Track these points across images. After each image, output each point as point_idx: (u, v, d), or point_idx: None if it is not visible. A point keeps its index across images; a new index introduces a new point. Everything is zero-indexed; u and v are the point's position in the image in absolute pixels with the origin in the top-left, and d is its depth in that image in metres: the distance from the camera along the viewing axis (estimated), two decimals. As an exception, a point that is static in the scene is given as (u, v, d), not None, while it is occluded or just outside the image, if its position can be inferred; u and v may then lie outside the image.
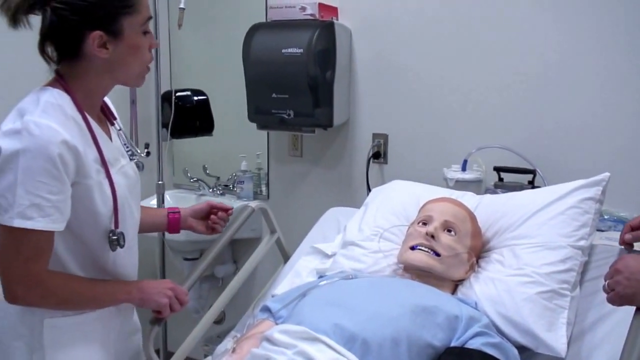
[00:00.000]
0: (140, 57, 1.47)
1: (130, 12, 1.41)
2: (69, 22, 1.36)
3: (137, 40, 1.44)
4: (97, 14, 1.37)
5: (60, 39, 1.40)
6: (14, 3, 1.34)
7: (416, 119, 2.41)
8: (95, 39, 1.38)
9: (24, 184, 1.31)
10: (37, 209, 1.32)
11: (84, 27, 1.37)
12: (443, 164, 2.22)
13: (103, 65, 1.42)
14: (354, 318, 1.41)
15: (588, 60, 2.06)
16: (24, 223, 1.31)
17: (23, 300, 1.40)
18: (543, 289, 1.57)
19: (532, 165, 2.10)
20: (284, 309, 1.59)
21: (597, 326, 1.56)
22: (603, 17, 2.02)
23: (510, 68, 2.20)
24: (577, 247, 1.65)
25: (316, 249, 2.03)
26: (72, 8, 1.35)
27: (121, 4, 1.40)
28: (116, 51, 1.41)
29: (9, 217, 1.31)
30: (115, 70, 1.45)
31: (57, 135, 1.33)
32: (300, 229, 2.25)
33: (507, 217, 1.79)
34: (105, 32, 1.38)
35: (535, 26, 2.14)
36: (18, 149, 1.30)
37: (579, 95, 2.09)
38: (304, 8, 2.42)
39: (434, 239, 1.67)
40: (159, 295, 1.56)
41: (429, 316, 1.44)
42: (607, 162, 1.99)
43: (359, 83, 2.53)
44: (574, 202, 1.72)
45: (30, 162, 1.31)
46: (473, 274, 1.71)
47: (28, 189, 1.31)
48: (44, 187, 1.32)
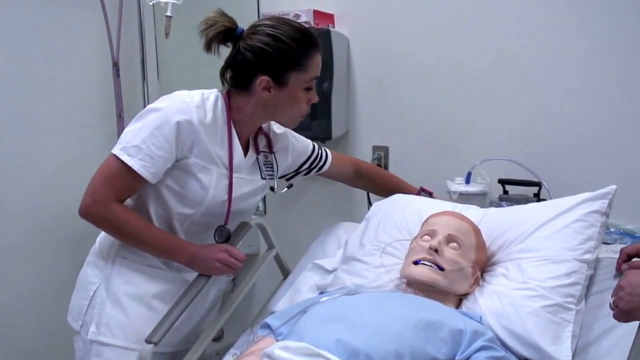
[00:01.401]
0: (296, 108, 1.85)
1: (299, 69, 1.78)
2: (248, 61, 1.76)
3: (297, 93, 1.82)
4: (271, 63, 1.76)
5: (238, 71, 1.81)
6: (211, 34, 1.76)
7: (418, 130, 2.45)
8: (262, 81, 1.77)
9: (142, 130, 1.74)
10: (138, 151, 1.73)
11: (257, 69, 1.77)
12: (446, 177, 2.28)
13: (262, 103, 1.81)
14: (357, 333, 1.46)
15: (595, 72, 2.12)
16: (122, 156, 1.73)
17: (88, 214, 1.78)
18: (548, 303, 1.63)
19: (538, 178, 2.15)
20: (284, 325, 1.64)
21: (602, 339, 1.62)
22: (610, 27, 2.09)
23: (515, 79, 2.26)
24: (583, 260, 1.72)
25: (317, 264, 2.10)
26: (254, 52, 1.76)
27: (294, 61, 1.77)
28: (277, 97, 1.80)
29: (118, 148, 1.74)
30: (270, 110, 1.85)
31: (188, 111, 1.76)
32: (299, 245, 2.30)
33: (512, 231, 1.86)
34: (273, 79, 1.77)
35: (539, 37, 2.20)
36: (157, 107, 1.76)
37: (585, 107, 2.15)
38: (298, 15, 2.44)
39: (437, 253, 1.73)
40: (210, 266, 1.86)
41: (432, 330, 1.49)
42: (614, 174, 2.04)
43: (357, 94, 2.58)
44: (579, 215, 1.79)
45: (155, 118, 1.74)
46: (477, 288, 1.77)
47: (142, 135, 1.73)
48: (154, 139, 1.73)
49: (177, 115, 1.74)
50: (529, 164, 2.18)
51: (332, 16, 2.56)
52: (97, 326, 1.85)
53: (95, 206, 1.77)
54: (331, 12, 2.56)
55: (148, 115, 1.76)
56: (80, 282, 1.95)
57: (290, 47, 1.76)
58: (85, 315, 1.87)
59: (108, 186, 1.77)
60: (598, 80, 2.13)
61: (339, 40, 2.52)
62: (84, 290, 1.91)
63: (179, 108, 1.76)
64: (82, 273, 1.96)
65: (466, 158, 2.27)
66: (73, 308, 1.94)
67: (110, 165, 1.77)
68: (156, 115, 1.75)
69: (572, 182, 2.08)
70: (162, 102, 1.78)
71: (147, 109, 1.79)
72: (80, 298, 1.90)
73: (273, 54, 1.75)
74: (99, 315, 1.85)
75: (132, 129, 1.77)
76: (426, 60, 2.43)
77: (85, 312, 1.87)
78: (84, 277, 1.94)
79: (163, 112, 1.75)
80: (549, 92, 2.22)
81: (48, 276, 2.85)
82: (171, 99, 1.79)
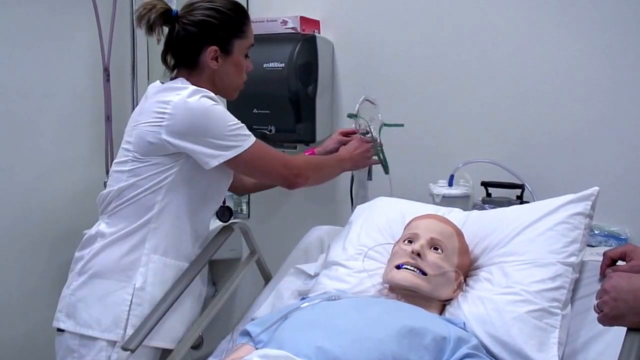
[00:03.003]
0: (239, 75, 1.91)
1: (241, 36, 1.86)
2: (193, 35, 1.80)
3: (240, 60, 1.89)
4: (217, 33, 1.82)
5: (182, 49, 1.84)
6: (154, 17, 1.79)
7: (400, 133, 2.35)
8: (211, 52, 1.82)
9: (221, 120, 1.75)
10: (243, 129, 1.79)
11: (204, 41, 1.81)
12: (429, 180, 2.23)
13: (211, 77, 1.85)
14: (338, 341, 1.40)
15: (578, 74, 2.09)
16: (246, 141, 1.77)
17: (302, 178, 1.90)
18: (533, 308, 1.56)
19: (521, 180, 2.11)
20: (264, 332, 1.57)
21: (590, 346, 1.56)
22: (591, 30, 2.05)
23: (497, 82, 2.22)
24: (567, 263, 1.65)
25: (299, 269, 2.04)
26: (198, 25, 1.80)
27: (236, 28, 1.85)
28: (224, 66, 1.85)
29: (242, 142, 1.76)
30: (218, 83, 1.87)
31: None
32: (282, 249, 2.24)
33: (495, 234, 1.79)
34: (220, 48, 1.82)
35: (523, 41, 2.16)
36: (210, 105, 1.75)
37: (567, 109, 2.11)
38: (285, 22, 2.45)
39: (420, 257, 1.66)
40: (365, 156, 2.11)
41: (415, 338, 1.42)
42: (597, 176, 1.99)
43: (341, 98, 2.55)
44: (563, 218, 1.73)
45: (211, 106, 1.75)
46: (461, 293, 1.70)
47: (227, 119, 1.76)
48: (229, 117, 1.77)
49: (211, 102, 1.78)
50: (511, 166, 2.14)
51: (317, 22, 2.56)
52: (134, 328, 1.75)
53: (297, 171, 1.88)
54: (317, 19, 2.56)
55: (209, 109, 1.75)
56: (102, 293, 1.79)
57: (230, 16, 1.84)
58: (126, 323, 1.75)
59: (277, 157, 1.88)
60: (581, 83, 2.10)
61: (324, 45, 2.52)
62: (115, 299, 1.77)
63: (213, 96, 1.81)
64: (95, 286, 1.80)
65: (449, 161, 2.23)
66: (100, 321, 1.76)
67: (259, 152, 1.82)
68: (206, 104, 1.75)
69: (555, 185, 2.05)
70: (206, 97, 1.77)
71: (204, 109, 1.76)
72: (113, 309, 1.77)
73: (217, 24, 1.82)
74: (139, 318, 1.76)
75: (219, 125, 1.76)
76: (409, 65, 2.40)
77: (126, 319, 1.75)
78: (106, 288, 1.79)
79: (203, 97, 1.76)
80: (532, 95, 2.18)
81: (36, 277, 2.78)
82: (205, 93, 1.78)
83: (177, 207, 1.82)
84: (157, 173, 1.79)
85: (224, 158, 1.75)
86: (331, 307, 1.58)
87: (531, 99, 2.17)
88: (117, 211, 1.83)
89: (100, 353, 1.75)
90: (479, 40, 2.24)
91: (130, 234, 1.80)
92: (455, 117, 2.32)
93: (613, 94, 2.04)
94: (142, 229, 1.80)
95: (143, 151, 1.80)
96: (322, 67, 2.47)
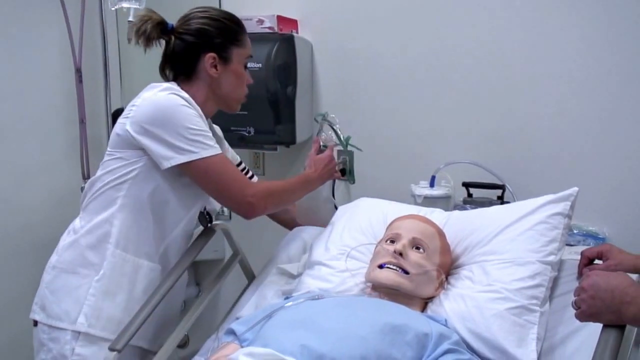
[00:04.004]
0: (240, 85, 1.95)
1: (238, 44, 1.91)
2: (191, 44, 1.85)
3: (240, 70, 1.93)
4: (214, 40, 1.86)
5: (181, 59, 1.88)
6: (150, 27, 1.82)
7: (382, 134, 2.46)
8: (209, 59, 1.85)
9: (185, 126, 1.76)
10: (207, 138, 1.79)
11: (202, 49, 1.85)
12: (411, 180, 2.27)
13: (211, 86, 1.89)
14: (322, 338, 1.44)
15: (557, 76, 2.14)
16: (209, 152, 1.78)
17: (258, 205, 1.86)
18: (512, 305, 1.63)
19: (501, 181, 2.16)
20: (249, 331, 1.61)
21: (567, 341, 1.64)
22: (569, 32, 2.11)
23: (477, 83, 2.27)
24: (546, 262, 1.72)
25: (281, 269, 2.08)
26: (195, 34, 1.85)
27: (233, 36, 1.89)
28: (224, 75, 1.89)
29: (201, 151, 1.77)
30: (219, 92, 1.91)
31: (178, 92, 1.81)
32: (264, 250, 2.29)
33: (476, 234, 1.86)
34: (218, 55, 1.86)
35: (502, 42, 2.21)
36: (177, 103, 1.77)
37: (546, 110, 2.17)
38: (261, 21, 2.44)
39: (402, 256, 1.72)
40: (330, 171, 2.12)
41: (398, 335, 1.48)
42: (576, 176, 2.06)
43: (321, 98, 2.58)
44: (542, 218, 1.80)
45: (178, 111, 1.77)
46: (443, 291, 1.77)
47: (192, 125, 1.76)
48: (198, 124, 1.78)
49: (181, 101, 1.80)
50: (492, 167, 2.19)
51: (295, 22, 2.57)
52: (86, 317, 1.82)
53: (253, 199, 1.85)
54: (295, 18, 2.57)
55: (174, 107, 1.78)
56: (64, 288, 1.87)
57: (226, 24, 1.90)
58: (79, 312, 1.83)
59: (237, 178, 1.86)
60: (560, 85, 2.15)
61: (303, 45, 2.53)
62: (82, 292, 1.84)
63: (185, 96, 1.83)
64: (64, 279, 1.87)
65: (430, 162, 2.27)
66: (69, 313, 1.84)
67: (216, 166, 1.81)
68: (174, 101, 1.79)
69: (535, 185, 2.11)
70: (172, 98, 1.80)
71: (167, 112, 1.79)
72: (81, 302, 1.83)
73: (214, 32, 1.87)
74: (91, 308, 1.83)
75: (179, 125, 1.77)
76: (390, 65, 2.44)
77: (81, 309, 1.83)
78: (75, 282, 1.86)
79: (172, 94, 1.79)
80: (512, 96, 2.23)
81: (10, 282, 2.81)
82: (174, 92, 1.82)
83: (140, 204, 1.85)
84: (121, 167, 1.83)
85: (177, 161, 1.76)
86: (315, 306, 1.62)
87: (512, 100, 2.22)
88: (88, 204, 1.89)
89: (65, 346, 1.81)
90: (460, 42, 2.28)
91: (96, 228, 1.85)
92: (436, 118, 2.35)
93: (592, 96, 2.09)
94: (105, 223, 1.85)
95: (112, 144, 1.86)
96: (300, 68, 2.48)
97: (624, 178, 2.09)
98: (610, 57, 2.06)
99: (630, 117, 2.06)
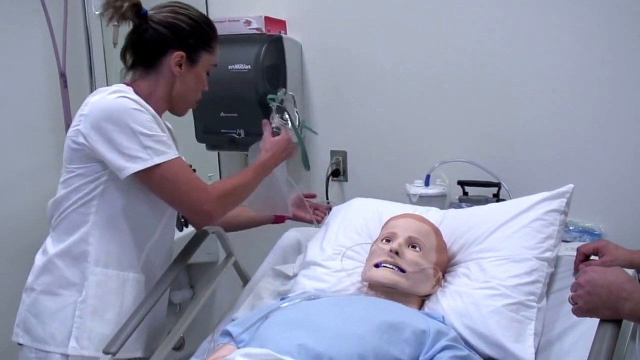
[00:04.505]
0: (197, 91, 1.90)
1: (208, 50, 1.86)
2: (162, 36, 1.79)
3: (202, 75, 1.88)
4: (187, 39, 1.81)
5: (147, 48, 1.81)
6: (127, 6, 1.75)
7: (376, 134, 2.46)
8: (177, 56, 1.80)
9: (138, 130, 1.68)
10: (162, 144, 1.71)
11: (172, 44, 1.80)
12: (405, 180, 2.29)
13: (170, 83, 1.83)
14: (319, 338, 1.46)
15: (551, 73, 2.16)
16: (165, 158, 1.70)
17: (215, 213, 1.79)
18: (510, 301, 1.66)
19: (497, 178, 2.18)
20: (245, 332, 1.63)
21: (564, 337, 1.66)
22: (564, 30, 2.13)
23: (472, 81, 2.29)
24: (543, 258, 1.75)
25: (277, 270, 2.10)
26: (169, 27, 1.80)
27: (205, 41, 1.85)
28: (186, 76, 1.83)
29: (155, 157, 1.69)
30: (175, 91, 1.85)
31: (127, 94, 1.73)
32: (258, 251, 2.29)
33: (472, 231, 1.88)
34: (186, 55, 1.81)
35: (495, 39, 2.23)
36: (127, 107, 1.70)
37: (541, 107, 2.19)
38: (249, 22, 2.44)
39: (398, 255, 1.74)
40: (289, 149, 2.04)
41: (395, 332, 1.50)
42: (572, 173, 2.09)
43: (313, 99, 2.58)
44: (538, 215, 1.82)
45: (138, 115, 1.70)
46: (440, 288, 1.78)
47: (146, 131, 1.69)
48: (153, 129, 1.71)
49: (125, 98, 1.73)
50: (487, 165, 2.21)
51: (283, 22, 2.57)
52: (77, 340, 1.78)
53: (213, 203, 1.78)
54: (283, 19, 2.57)
55: (125, 111, 1.71)
56: (46, 310, 1.82)
57: (203, 27, 1.85)
58: (70, 336, 1.78)
59: (193, 185, 1.77)
60: (555, 82, 2.17)
61: (292, 46, 2.53)
62: (67, 314, 1.79)
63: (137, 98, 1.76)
64: (45, 302, 1.82)
65: (425, 160, 2.29)
66: (54, 336, 1.79)
67: (171, 173, 1.73)
68: (124, 104, 1.71)
69: (531, 182, 2.12)
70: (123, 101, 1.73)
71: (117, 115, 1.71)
72: (65, 323, 1.79)
73: (189, 31, 1.82)
74: (80, 330, 1.78)
75: (128, 130, 1.69)
76: (381, 63, 2.45)
77: (71, 332, 1.78)
78: (58, 304, 1.81)
79: (137, 106, 1.73)
80: (506, 94, 2.25)
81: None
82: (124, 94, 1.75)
83: (113, 219, 1.80)
84: (85, 184, 1.77)
85: (131, 170, 1.69)
86: (311, 306, 1.64)
87: (506, 98, 2.23)
88: (58, 224, 1.83)
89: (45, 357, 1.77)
90: (453, 40, 2.30)
91: (71, 248, 1.79)
92: (430, 116, 2.36)
93: (587, 94, 2.11)
94: (81, 243, 1.79)
95: (69, 159, 1.79)
96: (290, 70, 2.48)
97: (620, 174, 2.11)
98: (605, 54, 2.09)
99: (625, 114, 2.08)
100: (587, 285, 1.39)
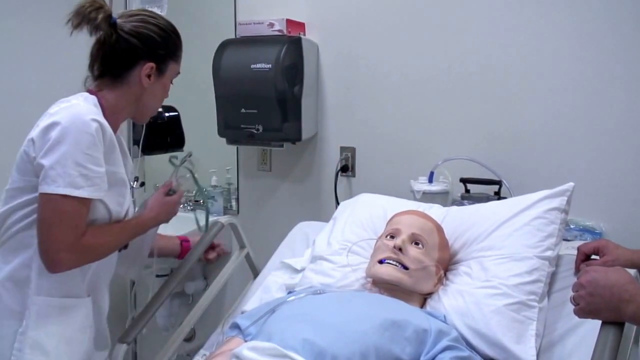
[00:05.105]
0: (162, 99, 1.83)
1: (176, 60, 1.80)
2: (133, 47, 1.69)
3: (167, 84, 1.81)
4: (158, 50, 1.73)
5: (116, 59, 1.69)
6: (101, 16, 1.63)
7: (383, 131, 2.45)
8: (147, 68, 1.71)
9: (71, 154, 1.53)
10: (86, 179, 1.54)
11: (143, 55, 1.70)
12: (410, 176, 2.26)
13: (138, 92, 1.73)
14: (323, 333, 1.43)
15: (553, 72, 2.12)
16: (73, 192, 1.52)
17: (65, 266, 1.58)
18: (511, 301, 1.61)
19: (498, 177, 2.15)
20: (252, 325, 1.61)
21: (566, 338, 1.61)
22: (565, 29, 2.09)
23: (475, 81, 2.25)
24: (544, 257, 1.70)
25: (285, 264, 2.07)
26: (140, 38, 1.69)
27: (174, 51, 1.78)
28: (154, 86, 1.75)
29: (62, 185, 1.51)
30: (140, 102, 1.75)
31: (94, 114, 1.59)
32: (269, 244, 2.28)
33: (473, 229, 1.84)
34: (156, 66, 1.73)
35: (500, 39, 2.20)
36: (65, 125, 1.53)
37: (543, 107, 2.15)
38: (272, 24, 2.48)
39: (401, 252, 1.71)
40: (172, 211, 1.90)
41: (397, 330, 1.47)
42: (573, 171, 2.05)
43: (326, 97, 2.58)
44: (539, 213, 1.77)
45: (78, 136, 1.53)
46: (441, 287, 1.75)
47: (76, 159, 1.53)
48: (91, 159, 1.55)
49: (91, 123, 1.58)
50: (490, 163, 2.18)
51: (303, 25, 2.59)
52: None
53: (73, 256, 1.59)
54: (302, 21, 2.59)
55: (63, 136, 1.55)
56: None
57: (172, 37, 1.78)
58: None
59: (71, 229, 1.56)
60: (556, 81, 2.13)
61: (310, 47, 2.54)
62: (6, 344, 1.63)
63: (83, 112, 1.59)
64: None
65: (429, 158, 2.27)
66: None
67: (62, 208, 1.54)
68: (72, 131, 1.55)
69: (532, 180, 2.09)
70: (60, 115, 1.58)
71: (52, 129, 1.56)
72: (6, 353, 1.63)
73: (160, 43, 1.74)
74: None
75: (60, 158, 1.54)
76: (391, 65, 2.43)
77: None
78: None
79: (78, 126, 1.56)
80: (509, 94, 2.22)
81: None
82: (68, 112, 1.59)
83: None
84: (26, 202, 1.63)
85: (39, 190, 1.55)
86: (316, 301, 1.62)
87: (508, 99, 2.20)
88: (4, 243, 1.68)
89: None
90: (458, 41, 2.27)
91: (15, 272, 1.65)
92: (435, 116, 2.34)
93: (588, 92, 2.07)
94: (24, 268, 1.64)
95: (17, 167, 1.65)
96: (307, 68, 2.49)
97: (621, 173, 2.06)
98: (605, 54, 2.05)
99: (626, 113, 2.04)
100: (589, 286, 1.35)
